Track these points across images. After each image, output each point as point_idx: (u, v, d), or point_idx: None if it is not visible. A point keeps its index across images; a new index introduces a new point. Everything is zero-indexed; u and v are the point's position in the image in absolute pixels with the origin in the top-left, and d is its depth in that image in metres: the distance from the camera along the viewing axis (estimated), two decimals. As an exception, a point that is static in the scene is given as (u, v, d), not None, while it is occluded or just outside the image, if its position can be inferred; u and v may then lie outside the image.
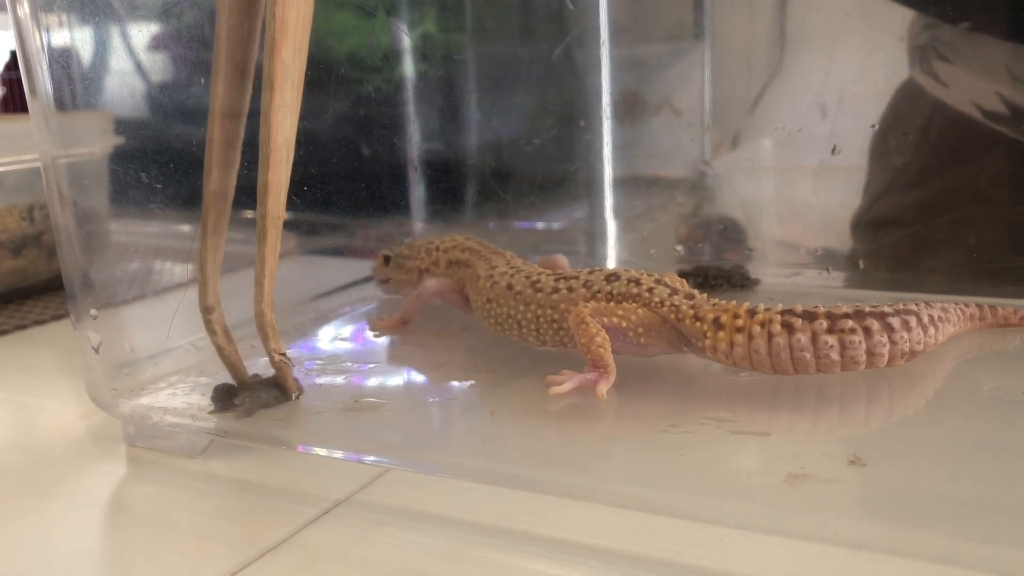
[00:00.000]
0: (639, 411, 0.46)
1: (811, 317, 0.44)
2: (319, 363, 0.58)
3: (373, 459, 0.45)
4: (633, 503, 0.39)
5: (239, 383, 0.50)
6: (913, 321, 0.45)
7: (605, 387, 0.46)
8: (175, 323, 0.56)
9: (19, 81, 0.52)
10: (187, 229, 0.61)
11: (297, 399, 0.49)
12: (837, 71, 0.71)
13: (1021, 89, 0.63)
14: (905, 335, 0.44)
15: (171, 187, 0.58)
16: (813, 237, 0.75)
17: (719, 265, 0.71)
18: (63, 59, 0.51)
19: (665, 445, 0.42)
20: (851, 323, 0.44)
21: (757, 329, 0.45)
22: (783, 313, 0.45)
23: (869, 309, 0.44)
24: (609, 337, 0.48)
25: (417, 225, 0.86)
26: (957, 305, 0.49)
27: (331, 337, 0.65)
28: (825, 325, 0.44)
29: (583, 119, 0.84)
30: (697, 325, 0.47)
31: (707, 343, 0.46)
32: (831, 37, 0.72)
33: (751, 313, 0.46)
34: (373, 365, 0.58)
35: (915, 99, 0.70)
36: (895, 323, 0.44)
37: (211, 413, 0.49)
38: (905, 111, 0.71)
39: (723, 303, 0.47)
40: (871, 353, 0.44)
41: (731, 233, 0.78)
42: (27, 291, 0.89)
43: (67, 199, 0.51)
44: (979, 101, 0.65)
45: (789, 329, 0.44)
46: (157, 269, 0.61)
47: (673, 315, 0.47)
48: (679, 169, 0.83)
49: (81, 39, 0.53)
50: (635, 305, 0.48)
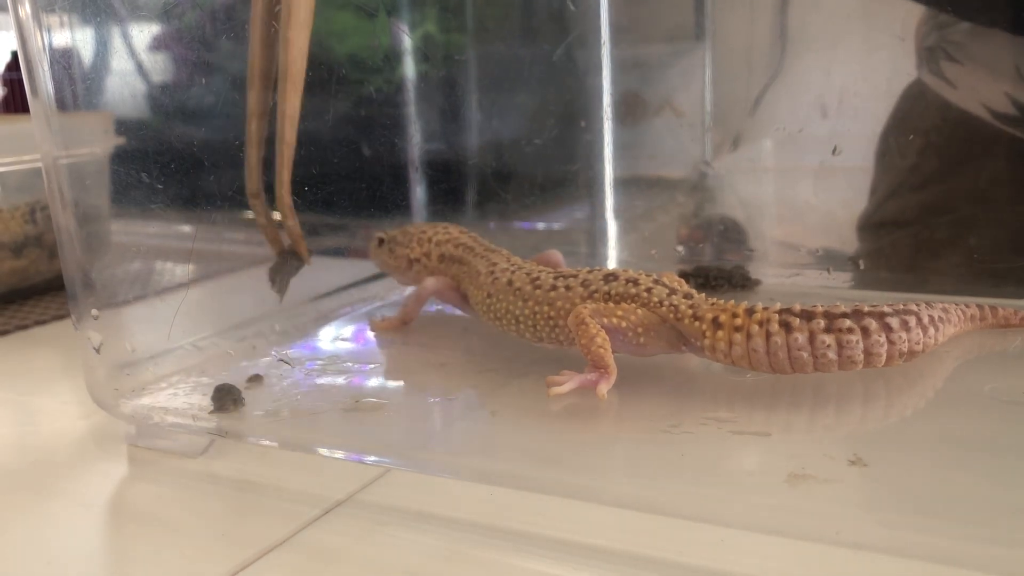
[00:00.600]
0: (639, 411, 0.47)
1: (809, 316, 0.44)
2: (320, 363, 0.58)
3: (374, 459, 0.45)
4: (634, 503, 0.39)
5: (279, 254, 0.64)
6: (912, 321, 0.44)
7: (606, 387, 0.46)
8: (176, 323, 0.57)
9: (20, 81, 0.52)
10: (188, 229, 0.61)
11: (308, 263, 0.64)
12: (838, 71, 0.71)
13: None
14: (904, 335, 0.44)
15: (172, 187, 0.58)
16: (814, 238, 0.75)
17: (720, 266, 0.71)
18: (64, 59, 0.51)
19: (666, 445, 0.42)
20: (848, 323, 0.44)
21: (755, 328, 0.45)
22: (781, 312, 0.45)
23: (868, 309, 0.44)
24: (608, 337, 0.48)
25: (418, 225, 0.86)
26: (958, 305, 0.49)
27: (332, 337, 0.65)
28: (822, 324, 0.44)
29: (584, 119, 0.84)
30: (696, 325, 0.47)
31: (706, 342, 0.46)
32: (832, 38, 0.72)
33: (749, 312, 0.46)
34: (374, 365, 0.58)
35: (923, 100, 0.70)
36: (894, 323, 0.44)
37: (211, 413, 0.49)
38: (912, 112, 0.71)
39: (721, 303, 0.47)
40: (868, 353, 0.44)
41: (732, 234, 0.78)
42: (28, 291, 0.89)
43: (68, 199, 0.51)
44: (988, 102, 0.65)
45: (787, 328, 0.44)
46: (158, 269, 0.62)
47: (672, 315, 0.47)
48: (680, 170, 0.83)
49: (82, 39, 0.53)
50: (634, 305, 0.48)
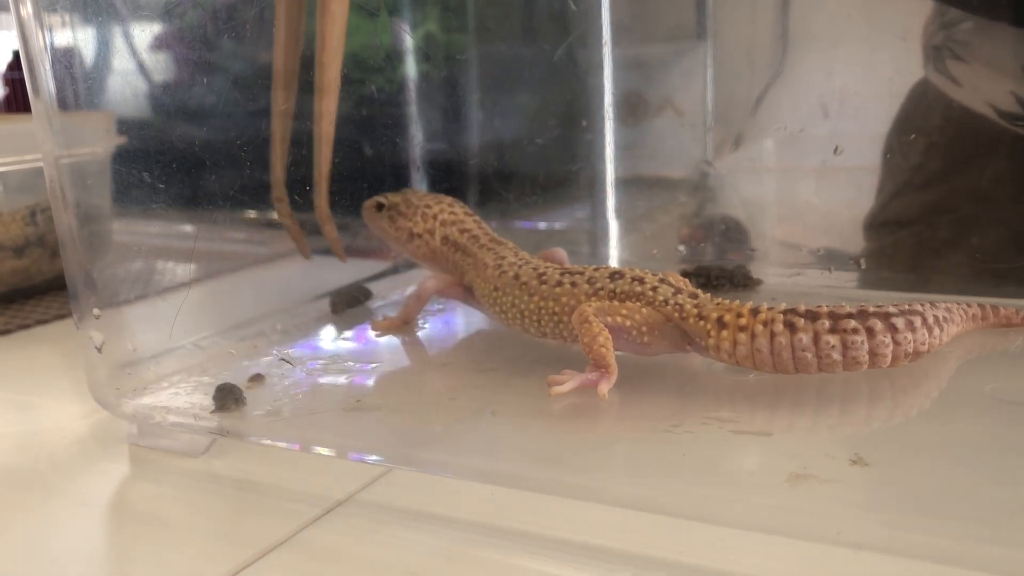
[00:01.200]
0: (641, 411, 0.46)
1: (814, 317, 0.44)
2: (321, 363, 0.58)
3: (375, 459, 0.45)
4: (635, 503, 0.39)
5: (302, 250, 0.66)
6: (918, 321, 0.44)
7: (606, 387, 0.46)
8: (178, 323, 0.57)
9: (22, 81, 0.52)
10: (189, 229, 0.61)
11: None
12: (839, 71, 0.71)
13: None
14: (909, 336, 0.44)
15: (174, 187, 0.58)
16: (815, 237, 0.74)
17: (721, 265, 0.71)
18: (66, 59, 0.51)
19: (667, 445, 0.42)
20: (854, 323, 0.44)
21: (760, 328, 0.45)
22: (786, 312, 0.45)
23: (873, 309, 0.44)
24: (612, 336, 0.48)
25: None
26: (960, 305, 0.49)
27: (333, 337, 0.65)
28: (827, 325, 0.44)
29: (585, 119, 0.84)
30: (701, 324, 0.47)
31: (710, 342, 0.46)
32: (833, 37, 0.72)
33: (754, 312, 0.45)
34: (375, 365, 0.58)
35: (929, 100, 0.70)
36: (899, 323, 0.44)
37: (213, 412, 0.49)
38: (918, 112, 0.70)
39: (726, 302, 0.47)
40: (874, 353, 0.44)
41: (733, 233, 0.78)
42: (30, 291, 0.89)
43: (70, 199, 0.51)
44: (993, 100, 0.65)
45: (791, 328, 0.44)
46: (160, 269, 0.62)
47: (677, 314, 0.47)
48: (681, 169, 0.83)
49: (84, 39, 0.53)
50: (639, 304, 0.48)
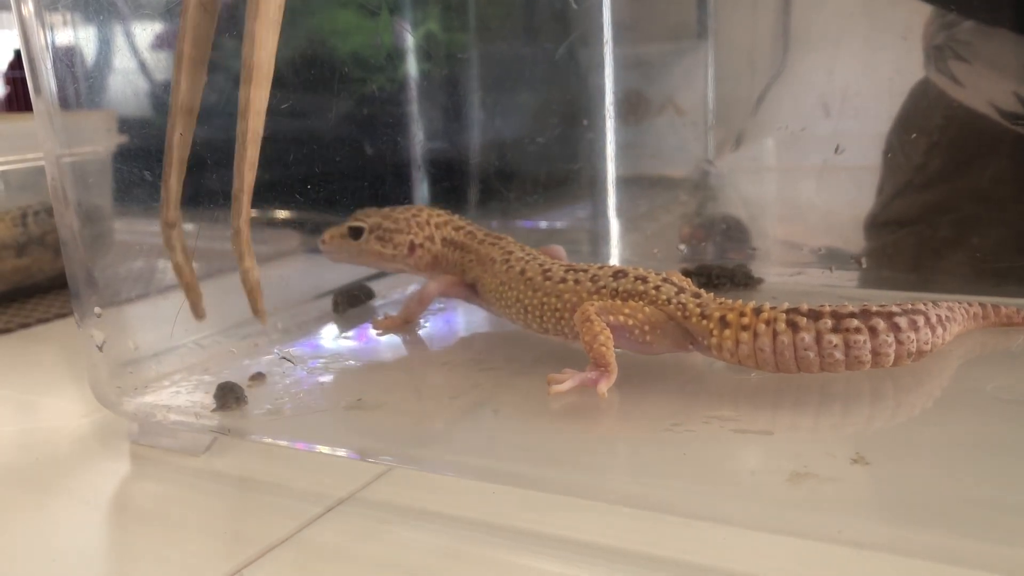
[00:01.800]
0: (642, 410, 0.47)
1: (816, 316, 0.44)
2: (322, 361, 0.58)
3: (376, 457, 0.45)
4: (636, 501, 0.39)
5: (194, 306, 0.49)
6: (921, 321, 0.44)
7: (606, 386, 0.46)
8: (179, 321, 0.56)
9: (23, 80, 0.52)
10: (190, 227, 0.61)
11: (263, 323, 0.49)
12: (840, 70, 0.71)
13: None
14: (912, 335, 0.44)
15: (175, 186, 0.58)
16: (816, 236, 0.74)
17: (722, 264, 0.71)
18: (67, 58, 0.51)
19: (668, 443, 0.42)
20: (856, 322, 0.44)
21: (762, 327, 0.45)
22: (788, 312, 0.45)
23: (876, 309, 0.44)
24: (614, 335, 0.48)
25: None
26: (961, 304, 0.49)
27: (334, 335, 0.65)
28: (830, 324, 0.44)
29: (586, 118, 0.84)
30: (703, 323, 0.47)
31: (713, 341, 0.46)
32: (834, 36, 0.72)
33: (757, 312, 0.45)
34: (376, 363, 0.58)
35: (930, 99, 0.70)
36: (902, 323, 0.44)
37: (214, 411, 0.49)
38: (919, 111, 0.70)
39: (729, 302, 0.47)
40: (876, 353, 0.44)
41: (734, 232, 0.78)
42: (31, 289, 0.89)
43: (71, 198, 0.51)
44: (995, 100, 0.65)
45: (794, 328, 0.44)
46: (161, 267, 0.61)
47: (679, 313, 0.47)
48: (682, 168, 0.83)
49: (85, 38, 0.53)
50: (641, 303, 0.48)
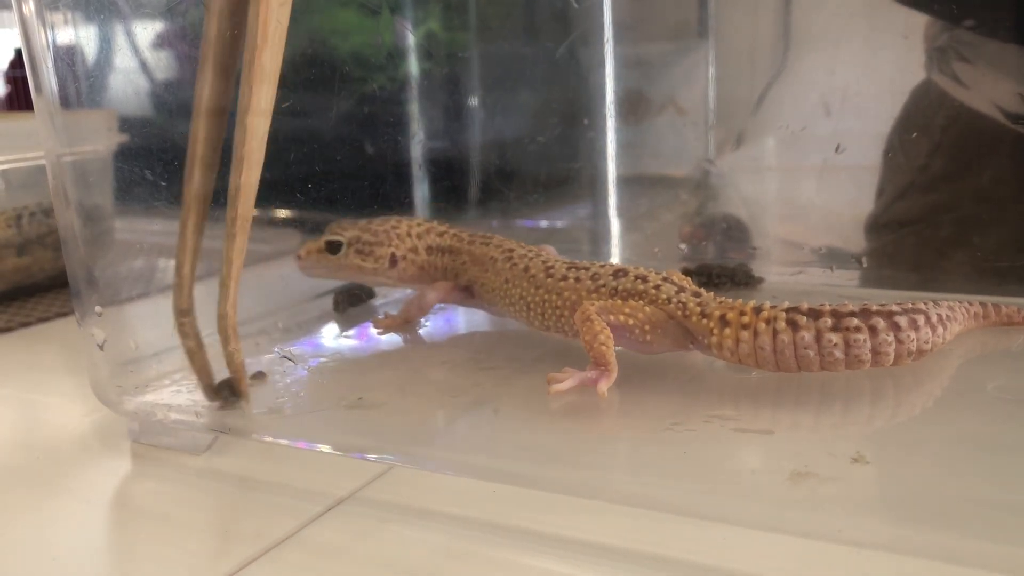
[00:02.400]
0: (643, 409, 0.47)
1: (816, 315, 0.44)
2: (323, 360, 0.58)
3: (376, 456, 0.45)
4: (636, 501, 0.39)
5: (205, 388, 0.50)
6: (921, 320, 0.44)
7: (606, 385, 0.46)
8: (179, 320, 0.57)
9: (24, 79, 0.52)
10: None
11: (245, 403, 0.49)
12: (841, 70, 0.71)
13: None
14: (912, 334, 0.44)
15: (175, 185, 0.58)
16: (817, 236, 0.74)
17: (723, 264, 0.71)
18: (68, 57, 0.51)
19: (668, 443, 0.42)
20: (856, 322, 0.44)
21: (762, 326, 0.45)
22: (788, 311, 0.45)
23: (876, 308, 0.44)
24: (615, 334, 0.48)
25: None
26: (962, 303, 0.49)
27: (335, 334, 0.65)
28: (830, 323, 0.44)
29: (587, 118, 0.84)
30: (704, 322, 0.47)
31: (713, 340, 0.46)
32: (835, 36, 0.72)
33: (757, 311, 0.46)
34: (377, 362, 0.58)
35: (932, 99, 0.70)
36: (902, 322, 0.44)
37: (219, 409, 0.49)
38: (921, 111, 0.70)
39: (729, 301, 0.47)
40: (876, 352, 0.44)
41: (735, 232, 0.78)
42: (32, 288, 0.89)
43: (72, 197, 0.51)
44: (999, 101, 0.65)
45: (794, 327, 0.44)
46: (161, 267, 0.61)
47: (680, 312, 0.47)
48: (683, 168, 0.83)
49: (86, 37, 0.53)
50: (642, 303, 0.48)
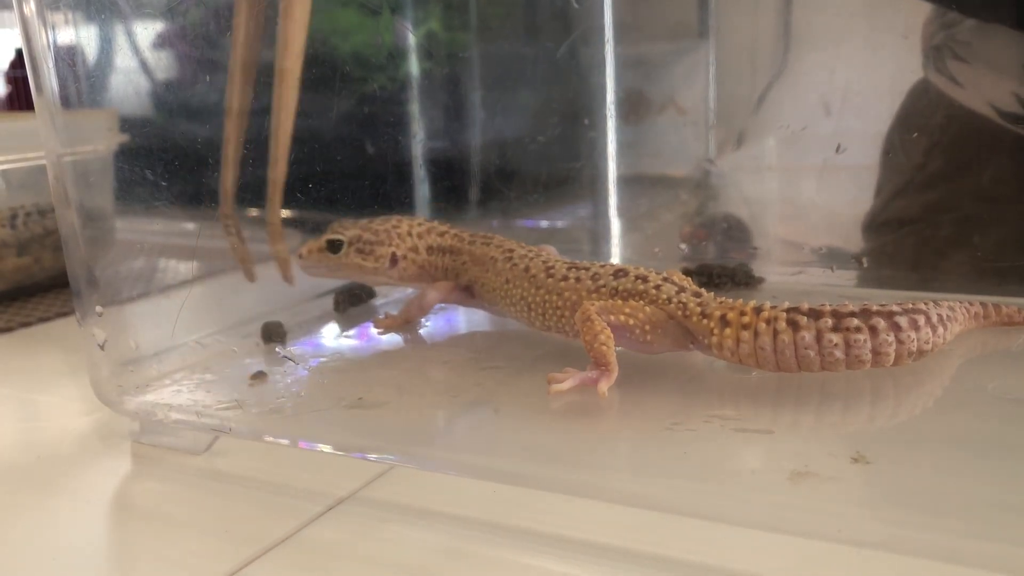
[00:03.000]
0: (643, 409, 0.47)
1: (816, 315, 0.44)
2: (323, 360, 0.58)
3: (377, 456, 0.45)
4: (636, 500, 0.39)
5: (247, 272, 0.64)
6: (922, 320, 0.44)
7: (606, 385, 0.46)
8: (180, 320, 0.57)
9: (25, 79, 0.52)
10: (192, 226, 0.62)
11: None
12: (842, 70, 0.71)
13: None
14: (913, 334, 0.44)
15: (176, 184, 0.58)
16: (817, 236, 0.74)
17: (723, 263, 0.71)
18: (69, 57, 0.51)
19: (668, 442, 0.42)
20: (856, 322, 0.44)
21: (763, 326, 0.45)
22: (789, 311, 0.45)
23: (876, 308, 0.44)
24: (615, 335, 0.48)
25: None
26: (962, 303, 0.49)
27: (335, 334, 0.65)
28: (830, 323, 0.44)
29: (587, 117, 0.84)
30: (704, 322, 0.47)
31: (713, 340, 0.46)
32: (836, 36, 0.72)
33: (757, 311, 0.45)
34: (377, 362, 0.58)
35: (930, 99, 0.70)
36: (903, 322, 0.44)
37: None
38: (919, 111, 0.70)
39: (729, 301, 0.47)
40: (876, 352, 0.44)
41: (735, 232, 0.78)
42: (32, 288, 0.89)
43: (72, 197, 0.51)
44: (995, 101, 0.65)
45: (794, 327, 0.44)
46: (162, 266, 0.62)
47: (680, 312, 0.47)
48: (683, 168, 0.83)
49: (87, 37, 0.53)
50: (642, 303, 0.48)
